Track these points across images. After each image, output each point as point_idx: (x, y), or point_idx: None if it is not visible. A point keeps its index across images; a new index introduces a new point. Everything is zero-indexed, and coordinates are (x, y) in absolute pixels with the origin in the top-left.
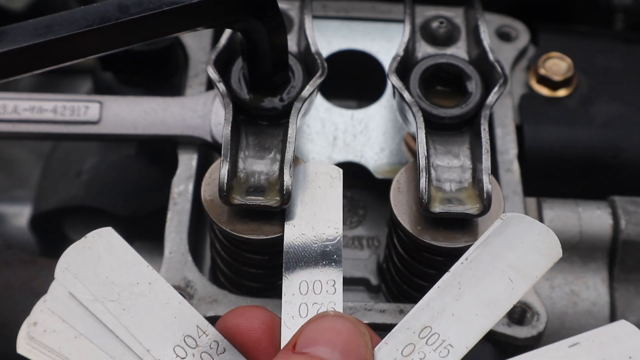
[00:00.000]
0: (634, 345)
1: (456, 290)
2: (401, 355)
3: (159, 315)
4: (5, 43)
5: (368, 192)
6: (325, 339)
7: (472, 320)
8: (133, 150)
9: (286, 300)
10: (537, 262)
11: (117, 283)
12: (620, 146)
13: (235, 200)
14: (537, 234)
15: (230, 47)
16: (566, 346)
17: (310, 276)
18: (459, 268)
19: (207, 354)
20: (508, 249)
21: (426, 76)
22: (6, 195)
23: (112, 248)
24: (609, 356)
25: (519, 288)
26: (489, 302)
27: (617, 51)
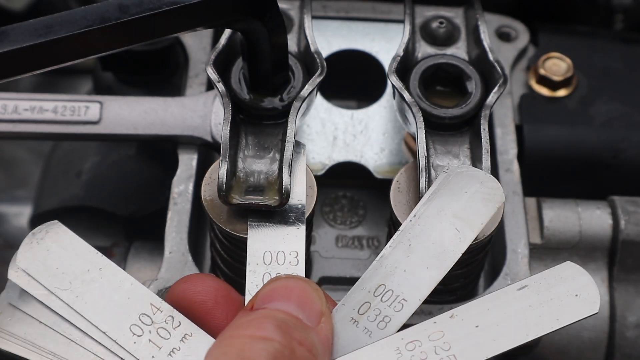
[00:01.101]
0: (580, 283)
1: (406, 246)
2: (357, 314)
3: (112, 298)
4: (5, 43)
5: (368, 192)
6: (280, 295)
7: (423, 273)
8: (133, 150)
9: (250, 270)
10: (481, 209)
11: (68, 272)
12: (620, 146)
13: (235, 200)
14: (480, 182)
15: (230, 47)
16: (515, 290)
17: (273, 247)
18: (408, 225)
19: (163, 328)
20: (453, 200)
21: (426, 76)
22: (6, 195)
23: (60, 240)
24: (556, 295)
25: (466, 237)
26: (438, 254)
27: (617, 51)
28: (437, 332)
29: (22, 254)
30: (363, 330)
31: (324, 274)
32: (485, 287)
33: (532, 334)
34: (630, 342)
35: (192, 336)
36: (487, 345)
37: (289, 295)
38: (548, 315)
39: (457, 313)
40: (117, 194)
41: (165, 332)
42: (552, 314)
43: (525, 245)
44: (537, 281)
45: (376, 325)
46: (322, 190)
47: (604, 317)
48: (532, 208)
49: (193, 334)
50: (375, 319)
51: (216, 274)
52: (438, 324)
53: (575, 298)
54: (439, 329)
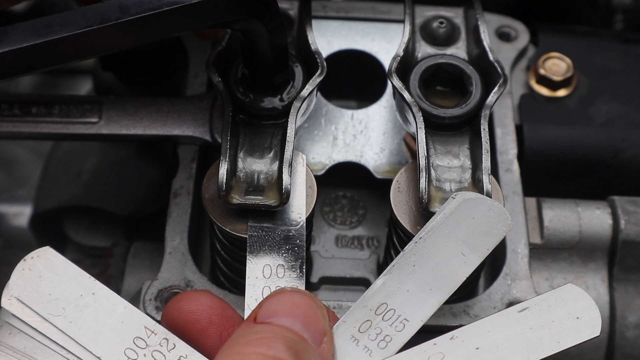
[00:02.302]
0: (581, 307)
1: (411, 267)
2: (358, 331)
3: (106, 323)
4: (5, 43)
5: (368, 192)
6: (286, 310)
7: (427, 294)
8: (133, 150)
9: (249, 284)
10: (488, 236)
11: (61, 298)
12: (620, 146)
13: (235, 200)
14: (488, 209)
15: (230, 47)
16: (516, 312)
17: (273, 260)
18: (414, 247)
19: (158, 351)
20: (460, 225)
21: (426, 76)
22: (6, 195)
23: (53, 266)
24: (557, 318)
25: (471, 262)
26: (442, 277)
27: (617, 51)
28: (437, 353)
29: (15, 281)
30: (363, 349)
31: (324, 274)
32: (485, 287)
33: (533, 357)
34: (630, 342)
35: (187, 358)
36: None
37: (295, 312)
38: (549, 338)
39: (457, 335)
40: (117, 194)
41: (160, 355)
42: (553, 336)
43: (525, 245)
44: (538, 303)
45: (377, 344)
46: (322, 190)
47: (604, 317)
48: (532, 208)
49: (188, 355)
50: (376, 337)
51: (216, 274)
52: (438, 346)
53: (576, 321)
54: (439, 351)
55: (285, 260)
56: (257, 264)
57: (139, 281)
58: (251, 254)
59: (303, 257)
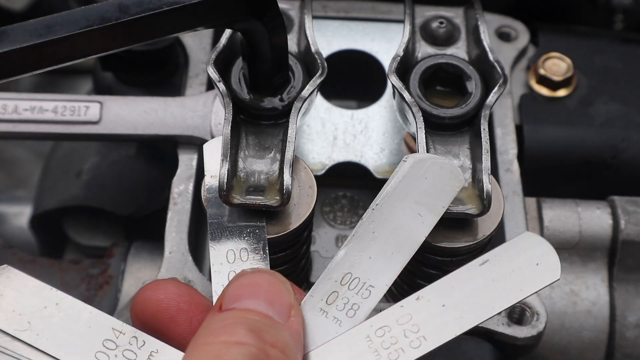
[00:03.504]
0: (539, 252)
1: (370, 234)
2: (326, 304)
3: (73, 330)
4: (5, 43)
5: (368, 192)
6: (248, 292)
7: (389, 259)
8: (133, 150)
9: (215, 270)
10: (442, 194)
11: (25, 312)
12: (620, 146)
13: (235, 200)
14: (439, 167)
15: (230, 47)
16: (477, 265)
17: (235, 245)
18: (371, 214)
19: (129, 350)
20: (413, 187)
21: (426, 76)
22: (6, 195)
23: (12, 283)
24: (517, 266)
25: (429, 221)
26: (402, 240)
27: (617, 51)
28: (404, 315)
29: None
30: (333, 320)
31: None
32: None
33: (498, 307)
34: (630, 342)
35: (158, 352)
36: (455, 322)
37: (257, 292)
38: (512, 287)
39: (422, 295)
40: (117, 194)
41: (131, 354)
42: (515, 285)
43: None
44: (498, 254)
45: (345, 313)
46: (322, 190)
47: (604, 317)
48: (532, 208)
49: (159, 350)
50: (344, 307)
51: None
52: (405, 308)
53: (536, 267)
54: (406, 312)
55: (247, 244)
56: (220, 250)
57: (139, 281)
58: (213, 240)
59: (265, 238)
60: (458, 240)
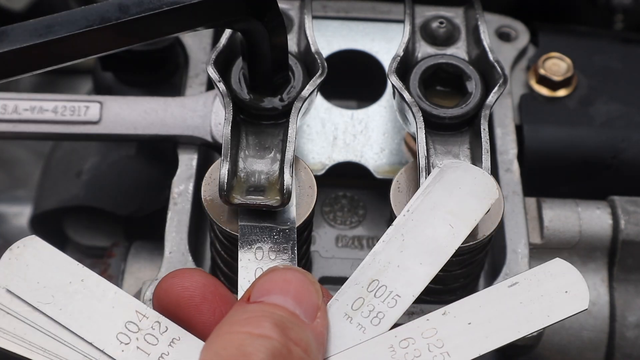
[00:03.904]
0: (569, 280)
1: (400, 242)
2: (351, 309)
3: (96, 308)
4: (5, 43)
5: (368, 192)
6: (278, 288)
7: (417, 269)
8: (133, 150)
9: (242, 266)
10: (475, 205)
11: (50, 286)
12: (620, 146)
13: (236, 200)
14: (474, 178)
15: (230, 47)
16: (506, 287)
17: (265, 243)
18: (402, 220)
19: (150, 334)
20: (446, 196)
21: (426, 76)
22: (6, 195)
23: (39, 254)
24: (546, 292)
25: (460, 233)
26: (431, 250)
27: (617, 51)
28: (430, 329)
29: (2, 271)
30: (357, 327)
31: (324, 274)
32: (485, 287)
33: (524, 331)
34: (630, 342)
35: (180, 340)
36: (479, 341)
37: (287, 289)
38: (539, 312)
39: (449, 310)
40: (117, 194)
41: (152, 338)
42: (542, 310)
43: (525, 245)
44: (528, 278)
45: (370, 321)
46: (322, 190)
47: (604, 317)
48: (532, 208)
49: (181, 337)
50: (369, 314)
51: (216, 274)
52: (431, 322)
53: (565, 295)
54: (432, 326)
55: (276, 243)
56: (249, 247)
57: (139, 281)
58: (243, 236)
59: (294, 238)
60: None
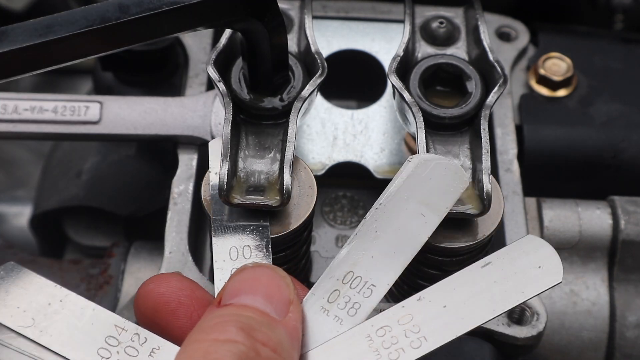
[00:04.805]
0: (542, 255)
1: (373, 233)
2: (327, 302)
3: (76, 327)
4: (5, 43)
5: (368, 192)
6: (247, 287)
7: (391, 258)
8: (133, 150)
9: (217, 267)
10: (446, 195)
11: (30, 309)
12: (620, 146)
13: (235, 200)
14: (444, 168)
15: (230, 47)
16: (479, 267)
17: (239, 242)
18: (374, 214)
19: (131, 347)
20: (418, 187)
21: (426, 76)
22: (6, 195)
23: (18, 279)
24: (520, 269)
25: (432, 222)
26: (404, 240)
27: (617, 51)
28: (406, 315)
29: None
30: (334, 319)
31: None
32: None
33: (499, 309)
34: (630, 342)
35: (159, 349)
36: (455, 324)
37: (256, 287)
38: (513, 289)
39: (424, 295)
40: (117, 194)
41: (133, 350)
42: (517, 287)
43: None
44: (501, 257)
45: (346, 312)
46: (322, 190)
47: (604, 317)
48: (532, 208)
49: (160, 347)
50: (345, 306)
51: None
52: (406, 308)
53: (538, 270)
54: (407, 313)
55: (251, 241)
56: (223, 246)
57: (139, 281)
58: (216, 237)
59: (268, 236)
60: (458, 240)
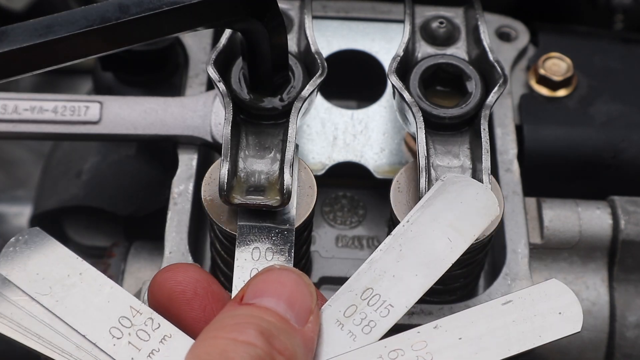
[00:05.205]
0: (563, 302)
1: (397, 252)
2: (344, 316)
3: (92, 302)
4: (5, 43)
5: (368, 192)
6: (271, 290)
7: (412, 280)
8: (133, 150)
9: (238, 265)
10: (476, 220)
11: (49, 277)
12: (620, 146)
13: (236, 200)
14: (475, 193)
15: (230, 47)
16: (499, 304)
17: (262, 244)
18: (401, 230)
19: (143, 330)
20: (447, 209)
21: (426, 76)
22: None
23: (41, 246)
24: (540, 312)
25: (458, 247)
26: (428, 262)
27: (617, 51)
28: (420, 342)
29: (3, 260)
30: (347, 334)
31: (324, 274)
32: (485, 287)
33: (514, 349)
34: (630, 342)
35: (171, 337)
36: (468, 357)
37: (280, 291)
38: (531, 332)
39: (441, 324)
40: (117, 194)
41: (144, 334)
42: (534, 330)
43: (525, 245)
44: (522, 297)
45: (361, 329)
46: (322, 190)
47: (604, 317)
48: (532, 208)
49: (172, 335)
50: (360, 322)
51: (216, 274)
52: (422, 334)
53: (558, 316)
54: (422, 339)
55: (274, 244)
56: (246, 247)
57: (139, 281)
58: (240, 236)
59: (292, 240)
60: None
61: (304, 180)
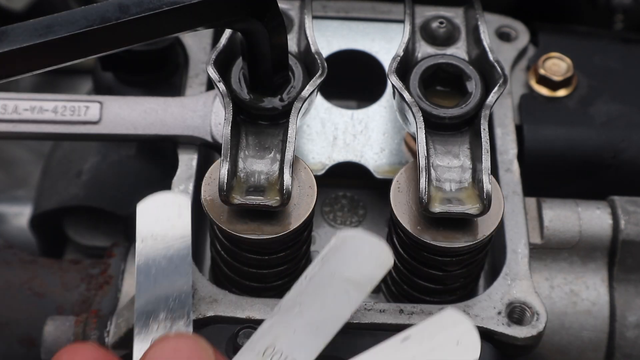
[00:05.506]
0: (460, 331)
1: (297, 308)
2: None
3: None
4: (5, 43)
5: (368, 192)
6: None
7: (313, 335)
8: (133, 150)
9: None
10: (371, 273)
11: None
12: (620, 146)
13: (235, 200)
14: (370, 247)
15: (230, 47)
16: (399, 342)
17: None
18: (299, 287)
19: None
20: (344, 264)
21: (426, 76)
22: (6, 195)
23: None
24: (438, 344)
25: (355, 300)
26: (327, 317)
27: (617, 51)
28: None
29: None
30: None
31: None
32: (485, 287)
33: None
34: (630, 342)
35: None
36: None
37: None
38: None
39: None
40: (117, 194)
41: None
42: None
43: (525, 245)
44: (420, 331)
45: None
46: (322, 190)
47: (604, 317)
48: (532, 208)
49: None
50: None
51: (216, 274)
52: None
53: (456, 346)
54: None
55: (172, 310)
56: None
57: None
58: (139, 304)
59: (190, 303)
60: (458, 240)
61: (304, 180)
